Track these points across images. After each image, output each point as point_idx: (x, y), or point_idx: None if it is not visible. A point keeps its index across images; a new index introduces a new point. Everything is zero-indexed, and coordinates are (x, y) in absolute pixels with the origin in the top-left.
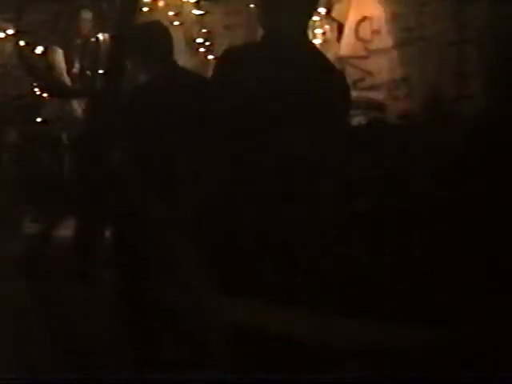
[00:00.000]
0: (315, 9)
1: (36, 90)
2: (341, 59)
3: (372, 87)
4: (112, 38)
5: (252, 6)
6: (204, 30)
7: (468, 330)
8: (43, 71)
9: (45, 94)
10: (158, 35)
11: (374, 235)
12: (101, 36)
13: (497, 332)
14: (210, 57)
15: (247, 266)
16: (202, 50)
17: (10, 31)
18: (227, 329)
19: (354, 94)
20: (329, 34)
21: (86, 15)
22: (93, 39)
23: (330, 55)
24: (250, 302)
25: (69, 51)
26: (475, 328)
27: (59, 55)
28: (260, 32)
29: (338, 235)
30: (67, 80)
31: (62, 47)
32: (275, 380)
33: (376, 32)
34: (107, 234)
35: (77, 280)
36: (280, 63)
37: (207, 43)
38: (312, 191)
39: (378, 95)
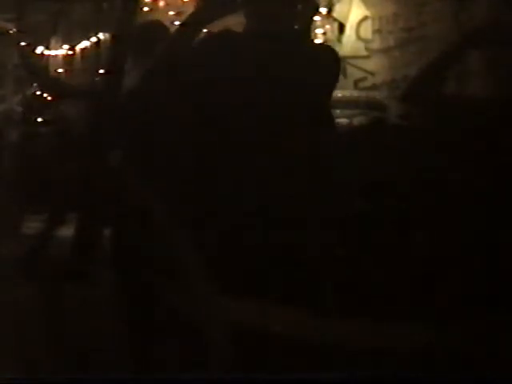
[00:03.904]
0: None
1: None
2: (342, 59)
3: (373, 87)
4: (112, 37)
5: None
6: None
7: (468, 330)
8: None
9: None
10: (158, 35)
11: (374, 236)
12: (101, 36)
13: (497, 332)
14: None
15: (247, 265)
16: None
17: (10, 31)
18: (227, 329)
19: (355, 93)
20: (330, 34)
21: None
22: (93, 39)
23: None
24: (250, 302)
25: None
26: (475, 328)
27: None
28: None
29: (337, 235)
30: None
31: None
32: (275, 380)
33: (377, 32)
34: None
35: (77, 280)
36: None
37: None
38: (310, 191)
39: (379, 95)
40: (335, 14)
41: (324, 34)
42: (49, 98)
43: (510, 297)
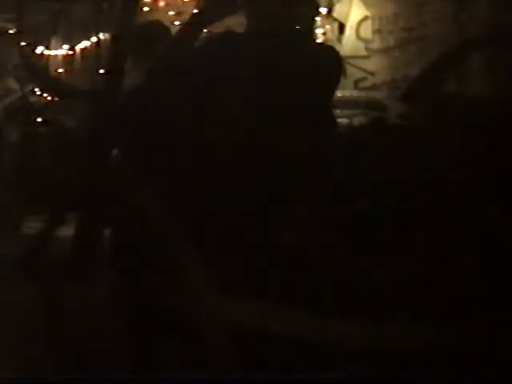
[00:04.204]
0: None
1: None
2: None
3: (373, 87)
4: (112, 37)
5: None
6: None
7: (468, 330)
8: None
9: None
10: (159, 34)
11: (374, 236)
12: (101, 36)
13: (497, 332)
14: None
15: (247, 265)
16: None
17: (11, 31)
18: (227, 329)
19: (355, 93)
20: (330, 34)
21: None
22: (93, 39)
23: None
24: (250, 302)
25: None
26: (475, 328)
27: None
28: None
29: (337, 235)
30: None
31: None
32: (275, 380)
33: (377, 32)
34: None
35: (77, 280)
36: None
37: None
38: (310, 191)
39: (379, 95)
40: (335, 14)
41: (324, 33)
42: (49, 98)
43: (510, 297)
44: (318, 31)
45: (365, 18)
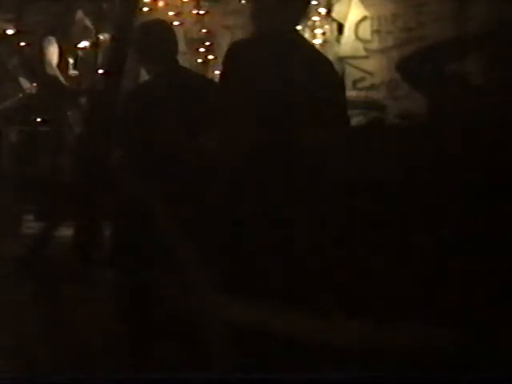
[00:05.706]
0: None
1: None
2: (341, 59)
3: (372, 87)
4: (113, 37)
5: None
6: (204, 30)
7: (468, 330)
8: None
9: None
10: (162, 34)
11: (374, 235)
12: (102, 36)
13: (497, 332)
14: (210, 57)
15: (248, 264)
16: (201, 50)
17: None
18: (227, 328)
19: (354, 93)
20: (329, 34)
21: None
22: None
23: (330, 55)
24: (250, 302)
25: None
26: (475, 328)
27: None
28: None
29: (337, 235)
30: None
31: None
32: (275, 380)
33: (376, 32)
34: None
35: (77, 280)
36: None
37: (207, 43)
38: (312, 191)
39: (378, 95)
40: (334, 14)
41: (323, 34)
42: (49, 98)
43: (510, 297)
44: (318, 31)
45: (364, 18)
